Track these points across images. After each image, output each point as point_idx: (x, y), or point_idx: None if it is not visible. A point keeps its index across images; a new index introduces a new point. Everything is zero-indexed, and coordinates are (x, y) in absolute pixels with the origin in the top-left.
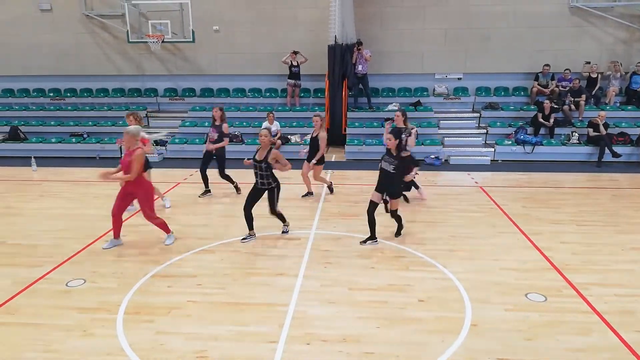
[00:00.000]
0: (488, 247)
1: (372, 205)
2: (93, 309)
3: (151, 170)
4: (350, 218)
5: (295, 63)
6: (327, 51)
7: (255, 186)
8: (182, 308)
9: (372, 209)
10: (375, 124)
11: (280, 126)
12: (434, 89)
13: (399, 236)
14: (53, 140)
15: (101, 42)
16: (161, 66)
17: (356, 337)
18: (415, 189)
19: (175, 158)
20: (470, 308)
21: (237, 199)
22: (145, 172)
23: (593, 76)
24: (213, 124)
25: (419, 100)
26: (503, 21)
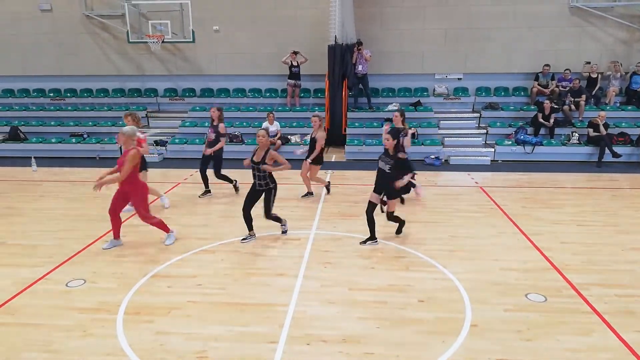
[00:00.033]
0: (488, 248)
1: (371, 205)
2: (93, 309)
3: (147, 171)
4: (350, 218)
5: (295, 63)
6: (327, 51)
7: (253, 187)
8: (182, 308)
9: (371, 210)
10: (375, 124)
11: (280, 126)
12: (434, 89)
13: (400, 234)
14: (53, 140)
15: (101, 43)
16: (161, 66)
17: (356, 338)
18: (412, 188)
19: (175, 158)
20: (470, 308)
21: (237, 199)
22: (140, 173)
23: (593, 76)
24: (211, 124)
25: (419, 100)
26: (503, 21)
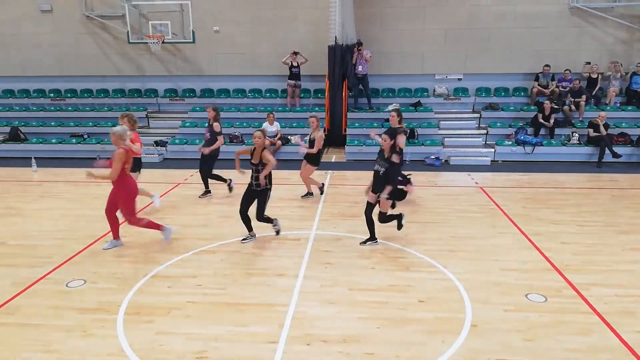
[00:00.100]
0: (488, 248)
1: (369, 206)
2: (93, 310)
3: (140, 173)
4: (350, 218)
5: (295, 63)
6: (327, 52)
7: (249, 187)
8: (182, 308)
9: (370, 210)
10: (375, 125)
11: (280, 127)
12: (434, 90)
13: (401, 229)
14: (53, 140)
15: (101, 43)
16: (161, 67)
17: (356, 338)
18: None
19: (175, 159)
20: (470, 308)
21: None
22: (134, 173)
23: (593, 76)
24: (208, 124)
25: (419, 100)
26: (503, 21)
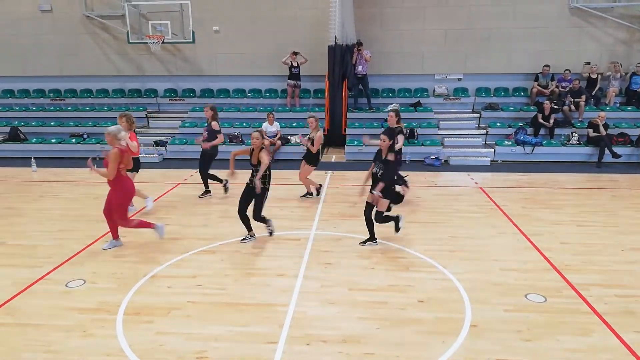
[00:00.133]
0: (488, 248)
1: (368, 206)
2: (93, 310)
3: (137, 173)
4: (350, 219)
5: (295, 64)
6: (327, 52)
7: (247, 187)
8: (182, 308)
9: (369, 211)
10: (375, 125)
11: (280, 127)
12: (434, 90)
13: (399, 231)
14: (53, 140)
15: (101, 43)
16: (161, 67)
17: (356, 338)
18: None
19: (175, 159)
20: (470, 309)
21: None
22: (131, 174)
23: (593, 77)
24: (207, 124)
25: (419, 100)
26: (503, 21)
